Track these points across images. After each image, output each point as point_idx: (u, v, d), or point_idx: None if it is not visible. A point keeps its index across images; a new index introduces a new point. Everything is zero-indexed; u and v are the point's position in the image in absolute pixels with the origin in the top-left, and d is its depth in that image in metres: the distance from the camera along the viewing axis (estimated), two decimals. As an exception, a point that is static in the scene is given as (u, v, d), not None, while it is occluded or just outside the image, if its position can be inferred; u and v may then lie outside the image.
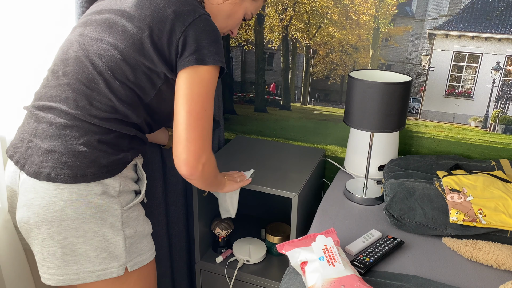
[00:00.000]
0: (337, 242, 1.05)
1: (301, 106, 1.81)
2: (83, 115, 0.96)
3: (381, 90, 1.25)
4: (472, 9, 1.46)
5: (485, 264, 1.10)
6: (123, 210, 1.01)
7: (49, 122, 0.97)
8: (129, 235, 1.02)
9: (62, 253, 0.96)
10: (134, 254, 1.04)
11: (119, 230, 1.00)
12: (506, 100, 1.52)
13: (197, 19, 1.00)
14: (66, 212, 0.94)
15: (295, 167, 1.60)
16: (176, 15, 1.00)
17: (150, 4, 1.02)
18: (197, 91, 0.99)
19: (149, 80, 1.01)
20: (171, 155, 1.58)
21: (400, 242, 1.16)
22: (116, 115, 0.99)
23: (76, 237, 0.96)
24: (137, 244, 1.04)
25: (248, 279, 1.60)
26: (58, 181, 0.93)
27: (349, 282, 0.90)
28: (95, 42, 1.01)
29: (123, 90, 1.00)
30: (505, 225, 1.15)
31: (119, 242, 1.00)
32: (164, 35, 0.99)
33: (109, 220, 0.98)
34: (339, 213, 1.36)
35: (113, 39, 1.00)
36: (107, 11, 1.05)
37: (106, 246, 0.98)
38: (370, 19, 1.60)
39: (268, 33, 1.76)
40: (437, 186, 1.31)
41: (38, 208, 0.94)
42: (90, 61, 0.99)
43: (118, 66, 0.99)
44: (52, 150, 0.95)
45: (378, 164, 1.57)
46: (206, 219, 1.67)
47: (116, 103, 0.99)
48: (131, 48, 0.99)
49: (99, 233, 0.97)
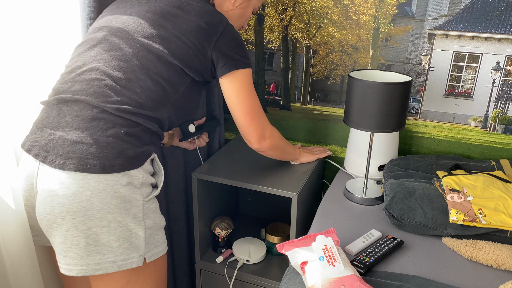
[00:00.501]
0: (337, 242, 1.05)
1: (301, 106, 1.81)
2: (111, 108, 1.00)
3: (381, 90, 1.25)
4: (472, 9, 1.47)
5: (485, 264, 1.10)
6: (144, 202, 1.04)
7: (75, 115, 1.00)
8: (149, 226, 1.05)
9: (85, 243, 0.97)
10: (152, 245, 1.06)
11: (141, 221, 1.02)
12: (506, 100, 1.52)
13: (226, 28, 1.14)
14: (92, 202, 0.96)
15: (295, 167, 1.60)
16: (208, 25, 1.11)
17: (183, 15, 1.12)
18: (245, 88, 1.20)
19: (180, 78, 1.11)
20: (172, 152, 1.58)
21: (400, 242, 1.17)
22: (143, 110, 1.05)
23: (100, 227, 0.97)
24: (155, 236, 1.07)
25: (248, 279, 1.60)
26: (86, 171, 0.96)
27: (349, 282, 0.90)
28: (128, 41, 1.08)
29: (154, 87, 1.07)
30: (505, 225, 1.15)
31: (140, 232, 1.02)
32: (198, 44, 1.10)
33: (132, 210, 1.01)
34: (339, 213, 1.36)
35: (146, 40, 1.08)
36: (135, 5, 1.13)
37: (128, 236, 1.00)
38: (370, 19, 1.60)
39: (268, 33, 1.76)
40: (437, 186, 1.31)
41: (63, 199, 0.96)
42: (124, 59, 1.05)
43: (153, 64, 1.07)
44: (79, 141, 0.97)
45: (378, 164, 1.57)
46: (206, 219, 1.67)
47: (145, 100, 1.05)
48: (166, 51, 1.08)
49: (123, 223, 0.99)
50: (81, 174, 0.96)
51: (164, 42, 1.08)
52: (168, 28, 1.10)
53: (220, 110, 1.79)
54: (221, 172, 1.55)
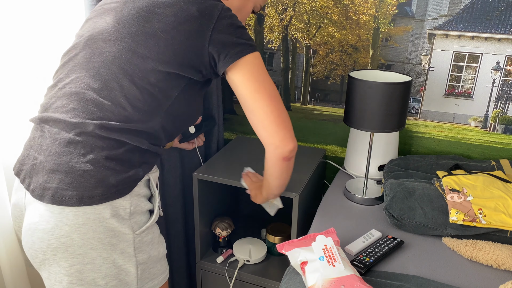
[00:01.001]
0: (337, 242, 1.05)
1: (301, 106, 1.81)
2: (91, 127, 0.88)
3: (381, 90, 1.25)
4: (472, 9, 1.47)
5: (485, 264, 1.10)
6: (135, 235, 0.92)
7: (54, 138, 0.89)
8: (142, 261, 0.94)
9: (68, 281, 0.88)
10: (146, 279, 0.96)
11: (131, 257, 0.92)
12: (506, 100, 1.52)
13: (222, 13, 0.96)
14: (72, 238, 0.86)
15: (295, 167, 1.60)
16: (201, 13, 0.94)
17: (171, 5, 0.95)
18: (255, 76, 0.97)
19: (172, 82, 0.95)
20: (169, 154, 1.57)
21: (400, 242, 1.17)
22: (129, 124, 0.91)
23: (84, 264, 0.88)
24: (150, 270, 0.97)
25: (248, 279, 1.60)
26: (62, 204, 0.85)
27: (349, 282, 0.90)
28: (110, 44, 0.94)
29: (141, 96, 0.92)
30: (505, 225, 1.15)
31: (131, 269, 0.92)
32: (191, 36, 0.93)
33: (120, 245, 0.90)
34: (339, 213, 1.36)
35: (130, 40, 0.93)
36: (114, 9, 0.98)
37: (116, 274, 0.91)
38: (370, 19, 1.60)
39: (268, 33, 1.76)
40: (437, 186, 1.31)
41: (42, 233, 0.87)
42: (105, 65, 0.92)
43: (138, 68, 0.92)
44: (55, 170, 0.87)
45: (378, 164, 1.57)
46: (206, 219, 1.67)
47: (131, 112, 0.91)
48: (152, 50, 0.92)
49: (109, 260, 0.89)
50: (58, 207, 0.86)
51: (151, 40, 0.92)
52: (154, 23, 0.94)
53: (219, 110, 1.79)
54: (222, 172, 1.55)
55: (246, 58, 0.96)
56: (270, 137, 0.99)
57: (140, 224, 0.94)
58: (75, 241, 0.86)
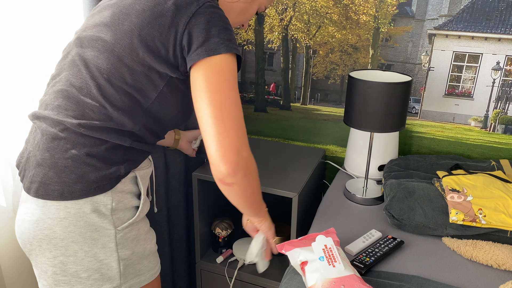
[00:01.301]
0: (337, 242, 1.05)
1: (301, 106, 1.81)
2: (72, 124, 0.89)
3: (381, 90, 1.25)
4: (472, 9, 1.46)
5: (485, 264, 1.10)
6: (117, 231, 0.93)
7: (42, 133, 0.92)
8: (125, 257, 0.95)
9: (52, 272, 0.92)
10: (130, 275, 0.97)
11: (113, 251, 0.93)
12: (506, 100, 1.52)
13: (202, 8, 0.89)
14: (55, 231, 0.89)
15: (295, 167, 1.60)
16: (177, 7, 0.89)
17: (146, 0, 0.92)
18: (214, 79, 0.87)
19: (150, 82, 0.92)
20: (175, 160, 1.57)
21: (400, 242, 1.17)
22: (109, 123, 0.91)
23: (66, 256, 0.91)
24: (135, 265, 0.98)
25: (248, 279, 1.60)
26: (45, 198, 0.89)
27: (349, 282, 0.90)
28: (91, 42, 0.93)
29: (118, 96, 0.91)
30: (505, 225, 1.15)
31: (113, 264, 0.93)
32: (165, 30, 0.89)
33: (101, 240, 0.92)
34: (339, 213, 1.36)
35: (109, 38, 0.91)
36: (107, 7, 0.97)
37: (98, 267, 0.92)
38: (370, 19, 1.60)
39: (268, 33, 1.76)
40: (437, 186, 1.31)
41: (28, 225, 0.91)
42: (85, 64, 0.92)
43: (114, 68, 0.90)
44: (41, 164, 0.90)
45: (378, 164, 1.57)
46: (206, 219, 1.67)
47: (110, 110, 0.91)
48: (128, 48, 0.90)
49: (90, 253, 0.91)
50: (42, 201, 0.89)
51: (126, 38, 0.90)
52: (132, 19, 0.91)
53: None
54: (221, 172, 1.55)
55: (216, 58, 0.87)
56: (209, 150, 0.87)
57: (123, 220, 0.95)
58: (57, 233, 0.90)
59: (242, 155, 0.88)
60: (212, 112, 0.85)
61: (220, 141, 0.85)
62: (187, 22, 0.88)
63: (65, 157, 0.89)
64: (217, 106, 0.85)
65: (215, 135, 0.85)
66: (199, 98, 0.87)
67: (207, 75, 0.86)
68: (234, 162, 0.86)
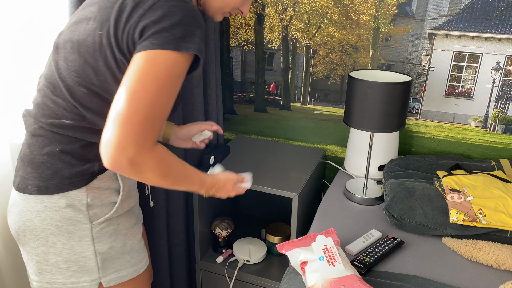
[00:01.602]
0: (337, 242, 1.05)
1: (301, 106, 1.81)
2: (46, 124, 0.92)
3: (381, 90, 1.25)
4: (472, 9, 1.46)
5: (485, 264, 1.10)
6: (93, 225, 0.96)
7: (26, 129, 0.96)
8: (102, 251, 0.97)
9: (36, 260, 0.97)
10: (110, 269, 0.99)
11: (89, 245, 0.96)
12: (506, 100, 1.52)
13: (161, 1, 0.84)
14: (35, 223, 0.94)
15: (295, 167, 1.60)
16: (135, 2, 0.85)
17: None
18: (143, 70, 0.80)
19: (116, 81, 0.89)
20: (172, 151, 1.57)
21: (400, 242, 1.16)
22: (82, 122, 0.92)
23: (47, 246, 0.95)
24: (115, 260, 0.99)
25: (248, 279, 1.60)
26: (25, 192, 0.94)
27: (349, 282, 0.90)
28: (65, 44, 0.93)
29: (87, 97, 0.90)
30: (505, 225, 1.15)
31: (90, 257, 0.96)
32: (123, 26, 0.85)
33: (77, 234, 0.95)
34: (339, 213, 1.36)
35: (76, 38, 0.90)
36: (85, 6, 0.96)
37: (76, 260, 0.96)
38: (370, 19, 1.60)
39: (268, 33, 1.76)
40: (437, 186, 1.31)
41: (14, 215, 0.97)
42: (56, 65, 0.93)
43: (82, 69, 0.89)
44: (23, 159, 0.95)
45: (378, 164, 1.57)
46: (206, 219, 1.67)
47: (82, 111, 0.91)
48: (91, 47, 0.88)
49: (68, 245, 0.95)
50: (22, 194, 0.94)
51: (89, 37, 0.88)
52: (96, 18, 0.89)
53: (219, 110, 1.79)
54: (221, 172, 1.55)
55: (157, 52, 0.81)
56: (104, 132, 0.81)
57: (100, 215, 0.96)
58: (37, 225, 0.94)
59: (124, 154, 0.79)
60: (121, 97, 0.80)
61: (111, 128, 0.79)
62: (142, 15, 0.84)
63: (41, 153, 0.92)
64: (129, 93, 0.79)
65: (112, 120, 0.79)
66: (121, 83, 0.82)
67: (139, 64, 0.81)
68: (113, 158, 0.79)
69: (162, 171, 0.87)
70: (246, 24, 1.78)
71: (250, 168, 1.59)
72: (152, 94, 0.81)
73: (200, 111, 1.63)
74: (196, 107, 1.61)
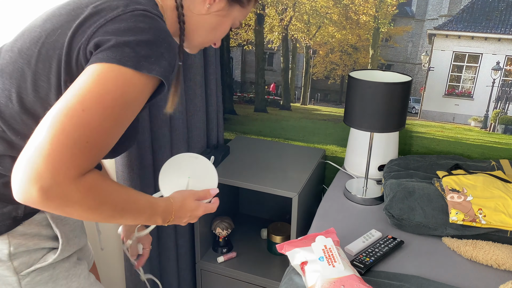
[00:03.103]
0: (337, 242, 1.05)
1: (301, 106, 1.81)
2: None
3: (381, 90, 1.25)
4: (472, 9, 1.47)
5: (485, 264, 1.10)
6: (21, 276, 0.80)
7: None
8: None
9: None
10: None
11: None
12: (506, 100, 1.52)
13: (127, 14, 0.72)
14: None
15: (295, 167, 1.60)
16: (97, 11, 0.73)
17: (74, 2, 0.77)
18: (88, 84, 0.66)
19: None
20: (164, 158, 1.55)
21: (400, 242, 1.17)
22: (9, 151, 0.76)
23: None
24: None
25: (248, 279, 1.60)
26: None
27: (349, 282, 0.90)
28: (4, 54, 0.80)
29: (19, 117, 0.75)
30: (505, 225, 1.15)
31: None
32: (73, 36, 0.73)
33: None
34: (339, 213, 1.36)
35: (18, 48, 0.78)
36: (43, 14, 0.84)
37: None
38: (370, 19, 1.60)
39: (268, 33, 1.76)
40: (437, 186, 1.31)
41: None
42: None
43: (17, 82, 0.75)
44: None
45: (378, 164, 1.57)
46: (206, 219, 1.67)
47: (9, 134, 0.76)
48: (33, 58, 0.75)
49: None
50: None
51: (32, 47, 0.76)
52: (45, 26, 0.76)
53: (219, 110, 1.80)
54: (222, 172, 1.55)
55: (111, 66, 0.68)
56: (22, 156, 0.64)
57: (29, 264, 0.81)
58: None
59: (39, 183, 0.62)
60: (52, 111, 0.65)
61: (30, 148, 0.63)
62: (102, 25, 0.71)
63: None
64: (61, 107, 0.64)
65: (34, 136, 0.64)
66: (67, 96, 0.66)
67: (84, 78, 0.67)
68: (22, 187, 0.62)
69: (94, 203, 0.68)
70: (246, 24, 1.78)
71: (250, 168, 1.59)
72: (90, 115, 0.65)
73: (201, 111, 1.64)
74: (197, 107, 1.61)
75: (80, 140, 0.64)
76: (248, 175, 1.53)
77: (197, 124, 1.63)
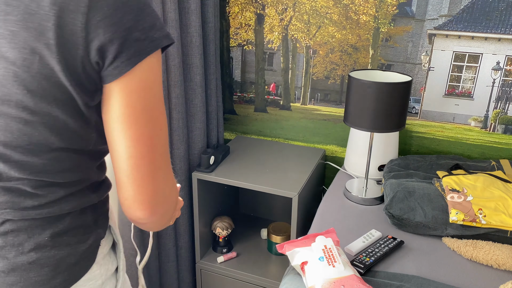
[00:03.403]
0: (337, 242, 1.05)
1: (301, 106, 1.81)
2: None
3: (381, 90, 1.25)
4: (472, 9, 1.46)
5: (485, 264, 1.10)
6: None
7: None
8: None
9: None
10: None
11: None
12: (506, 100, 1.52)
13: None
14: None
15: (295, 167, 1.60)
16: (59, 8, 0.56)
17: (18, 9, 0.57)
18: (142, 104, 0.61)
19: None
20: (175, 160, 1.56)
21: (400, 242, 1.17)
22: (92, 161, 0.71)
23: None
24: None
25: (248, 279, 1.60)
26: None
27: (349, 282, 0.90)
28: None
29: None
30: (505, 225, 1.15)
31: None
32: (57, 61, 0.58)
33: None
34: (339, 213, 1.36)
35: None
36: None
37: None
38: (370, 19, 1.60)
39: (268, 33, 1.76)
40: (437, 186, 1.31)
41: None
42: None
43: None
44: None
45: (378, 164, 1.57)
46: (206, 219, 1.67)
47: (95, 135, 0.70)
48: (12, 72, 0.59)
49: None
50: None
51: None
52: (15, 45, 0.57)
53: (219, 110, 1.79)
54: (221, 172, 1.55)
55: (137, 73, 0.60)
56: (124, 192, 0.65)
57: None
58: None
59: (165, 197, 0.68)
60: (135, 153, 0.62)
61: (142, 186, 0.64)
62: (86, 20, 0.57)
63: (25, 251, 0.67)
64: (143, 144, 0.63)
65: (136, 179, 0.63)
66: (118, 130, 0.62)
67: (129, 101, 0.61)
68: (153, 207, 0.66)
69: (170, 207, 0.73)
70: (246, 24, 1.78)
71: (250, 168, 1.59)
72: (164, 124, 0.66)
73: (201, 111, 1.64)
74: (197, 107, 1.61)
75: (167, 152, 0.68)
76: (248, 175, 1.53)
77: (197, 124, 1.63)
